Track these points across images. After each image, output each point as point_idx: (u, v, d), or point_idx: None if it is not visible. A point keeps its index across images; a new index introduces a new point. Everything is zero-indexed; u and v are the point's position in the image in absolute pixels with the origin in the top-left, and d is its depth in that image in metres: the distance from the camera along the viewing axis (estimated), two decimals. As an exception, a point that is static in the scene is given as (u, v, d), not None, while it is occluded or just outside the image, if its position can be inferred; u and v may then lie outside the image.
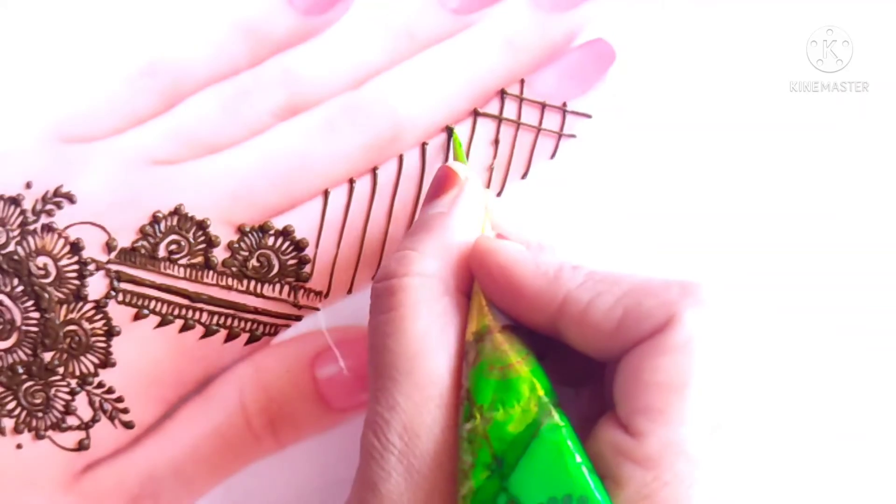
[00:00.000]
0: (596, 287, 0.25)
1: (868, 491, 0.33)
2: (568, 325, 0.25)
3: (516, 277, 0.26)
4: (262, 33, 0.34)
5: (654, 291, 0.25)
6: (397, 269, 0.27)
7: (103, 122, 0.34)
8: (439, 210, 0.29)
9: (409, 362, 0.26)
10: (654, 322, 0.24)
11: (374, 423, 0.26)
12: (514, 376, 0.25)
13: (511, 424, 0.25)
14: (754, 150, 0.34)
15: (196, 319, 0.33)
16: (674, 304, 0.24)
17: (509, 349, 0.26)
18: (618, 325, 0.25)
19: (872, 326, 0.34)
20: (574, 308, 0.25)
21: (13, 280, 0.33)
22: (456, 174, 0.30)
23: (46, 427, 0.33)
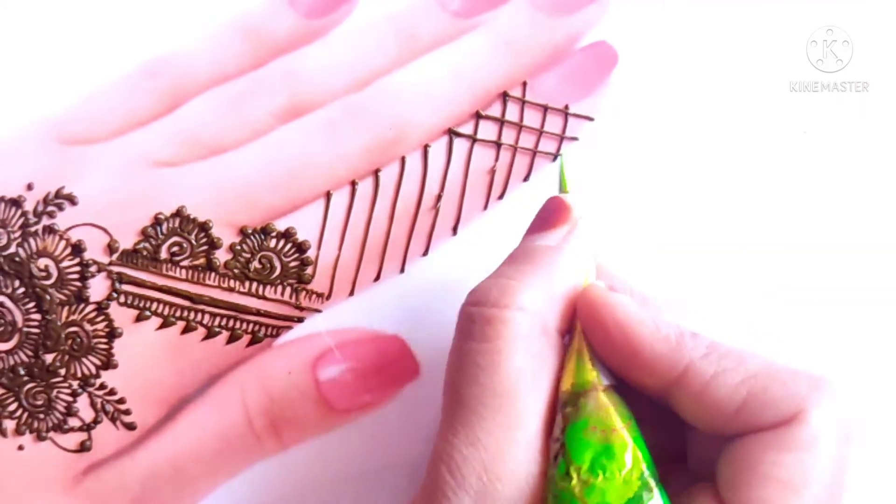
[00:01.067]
0: (720, 363, 0.24)
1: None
2: (684, 396, 0.25)
3: (635, 338, 0.25)
4: (264, 35, 0.34)
5: (782, 379, 0.24)
6: (499, 299, 0.26)
7: (105, 124, 0.34)
8: (548, 243, 0.27)
9: (499, 399, 0.25)
10: (780, 413, 0.23)
11: (448, 457, 0.24)
12: (618, 443, 0.24)
13: (611, 493, 0.24)
14: (754, 150, 0.34)
15: (198, 321, 0.33)
16: (803, 399, 0.23)
17: (614, 412, 0.25)
18: (740, 407, 0.24)
19: (870, 324, 0.34)
20: (696, 380, 0.24)
21: (14, 282, 0.33)
22: (570, 208, 0.28)
23: (48, 428, 0.33)
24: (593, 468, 0.24)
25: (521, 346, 0.25)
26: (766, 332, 0.34)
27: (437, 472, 0.25)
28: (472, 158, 0.34)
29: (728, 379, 0.24)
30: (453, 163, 0.34)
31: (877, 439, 0.34)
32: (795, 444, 0.23)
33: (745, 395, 0.24)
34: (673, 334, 0.25)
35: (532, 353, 0.25)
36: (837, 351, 0.34)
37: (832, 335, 0.34)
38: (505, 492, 0.24)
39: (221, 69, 0.34)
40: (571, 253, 0.27)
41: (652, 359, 0.25)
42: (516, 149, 0.34)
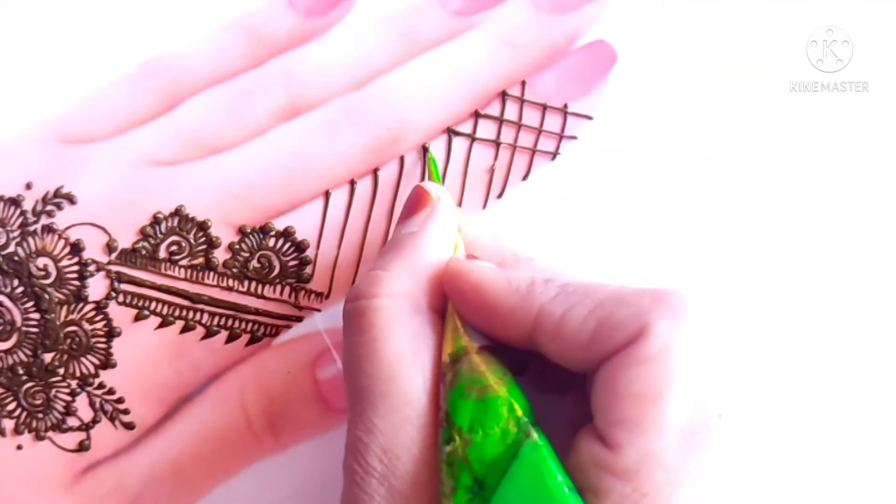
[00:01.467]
0: (568, 299, 0.25)
1: (848, 493, 0.33)
2: (543, 339, 0.26)
3: (489, 296, 0.26)
4: (263, 34, 0.34)
5: (627, 301, 0.24)
6: (367, 290, 0.27)
7: (104, 123, 0.34)
8: (410, 230, 0.29)
9: (384, 385, 0.26)
10: (626, 333, 0.24)
11: (353, 447, 0.26)
12: (493, 396, 0.25)
13: (491, 446, 0.24)
14: (754, 150, 0.34)
15: (197, 320, 0.33)
16: (646, 314, 0.24)
17: (486, 370, 0.26)
18: (591, 336, 0.24)
19: (870, 324, 0.34)
20: (548, 322, 0.25)
21: (13, 281, 0.33)
22: (428, 193, 0.30)
23: (47, 428, 0.33)
24: (473, 427, 0.25)
25: (396, 330, 0.26)
26: (766, 329, 0.34)
27: (347, 462, 0.26)
28: (471, 157, 0.34)
29: (576, 313, 0.25)
30: (452, 162, 0.34)
31: (854, 440, 0.34)
32: (644, 357, 0.23)
33: (594, 325, 0.24)
34: (524, 284, 0.26)
35: (409, 335, 0.26)
36: (837, 349, 0.34)
37: (832, 335, 0.34)
38: (404, 469, 0.25)
39: (220, 68, 0.34)
40: (433, 234, 0.28)
41: (508, 311, 0.26)
42: (515, 148, 0.34)
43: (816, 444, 0.34)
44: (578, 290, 0.25)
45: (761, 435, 0.33)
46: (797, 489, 0.33)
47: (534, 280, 0.26)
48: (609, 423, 0.24)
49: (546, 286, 0.26)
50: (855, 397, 0.34)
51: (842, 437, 0.34)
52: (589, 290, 0.25)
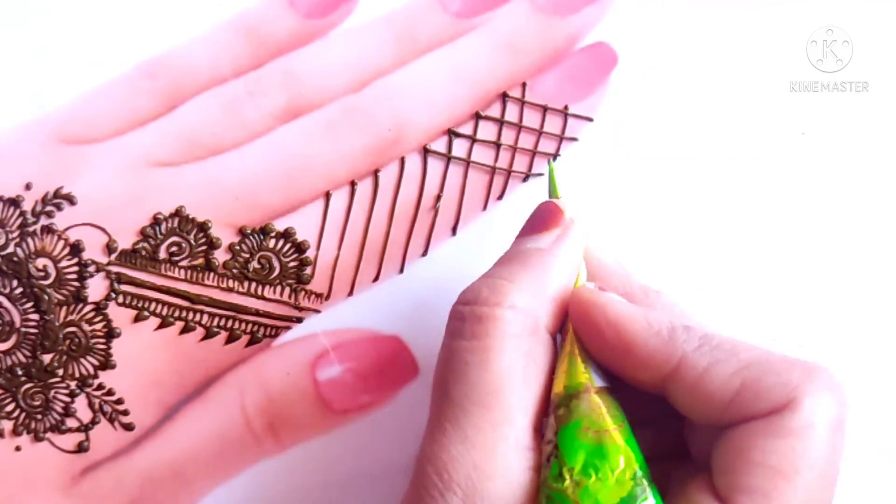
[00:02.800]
0: (713, 354, 0.25)
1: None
2: (679, 389, 0.25)
3: (628, 335, 0.25)
4: (264, 35, 0.34)
5: (776, 369, 0.24)
6: (489, 297, 0.26)
7: (104, 124, 0.34)
8: (539, 246, 0.28)
9: (489, 397, 0.24)
10: (772, 401, 0.23)
11: (435, 457, 0.24)
12: (611, 444, 0.24)
13: (603, 493, 0.23)
14: (754, 151, 0.34)
15: (196, 321, 0.33)
16: (795, 387, 0.23)
17: (606, 413, 0.25)
18: (734, 397, 0.24)
19: (871, 323, 0.34)
20: (689, 373, 0.24)
21: (12, 282, 0.33)
22: (562, 213, 0.28)
23: (45, 429, 0.33)
24: (586, 469, 0.24)
25: (512, 344, 0.25)
26: (768, 331, 0.34)
27: (424, 472, 0.24)
28: (471, 158, 0.34)
29: (721, 370, 0.24)
30: (452, 163, 0.34)
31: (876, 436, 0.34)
32: (787, 431, 0.23)
33: (738, 386, 0.24)
34: (665, 329, 0.25)
35: (522, 352, 0.25)
36: (837, 349, 0.34)
37: (834, 334, 0.34)
38: (495, 490, 0.24)
39: (221, 69, 0.34)
40: (563, 255, 0.27)
41: (646, 354, 0.25)
42: (516, 149, 0.34)
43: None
44: (723, 345, 0.25)
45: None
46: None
47: (675, 325, 0.25)
48: (735, 488, 0.23)
49: (688, 334, 0.25)
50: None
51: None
52: (735, 349, 0.25)
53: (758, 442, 0.23)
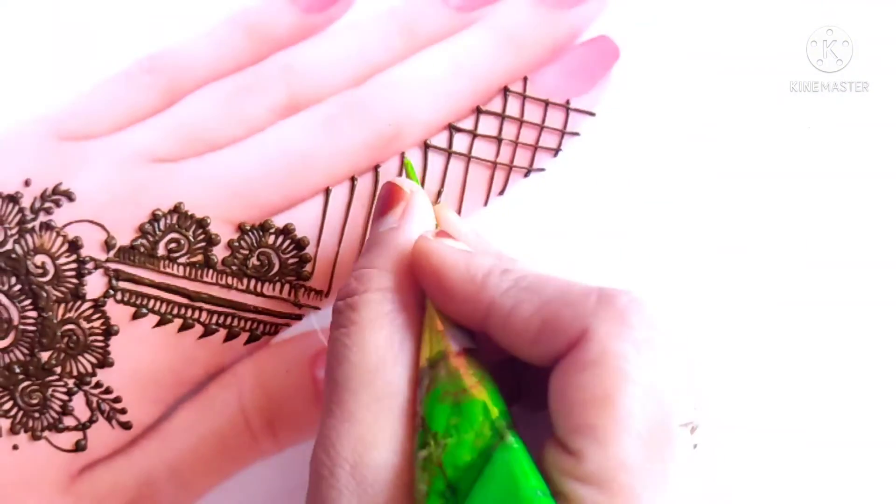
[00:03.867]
0: (519, 295, 0.25)
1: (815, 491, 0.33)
2: (494, 332, 0.25)
3: (446, 280, 0.26)
4: (263, 30, 0.34)
5: (572, 301, 0.24)
6: (357, 287, 0.27)
7: (103, 120, 0.33)
8: (389, 226, 0.28)
9: (369, 374, 0.25)
10: (569, 335, 0.23)
11: (325, 439, 0.25)
12: (468, 401, 0.24)
13: (464, 450, 0.24)
14: (754, 150, 0.34)
15: (195, 319, 0.33)
16: (588, 316, 0.23)
17: (464, 373, 0.25)
18: (537, 335, 0.24)
19: (870, 324, 0.34)
20: (497, 316, 0.25)
21: (11, 278, 0.33)
22: (401, 188, 0.29)
23: (43, 428, 0.33)
24: (448, 431, 0.24)
25: (385, 321, 0.26)
26: (770, 330, 0.34)
27: (316, 457, 0.25)
28: (472, 154, 0.34)
29: (524, 309, 0.24)
30: (453, 158, 0.34)
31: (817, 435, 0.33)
32: (587, 361, 0.23)
33: (539, 324, 0.24)
34: (480, 273, 0.26)
35: (396, 326, 0.26)
36: (840, 349, 0.34)
37: (836, 333, 0.34)
38: (381, 458, 0.24)
39: (220, 64, 0.34)
40: (412, 228, 0.28)
41: (461, 298, 0.26)
42: (517, 144, 0.34)
43: (795, 447, 0.33)
44: (531, 284, 0.25)
45: (741, 439, 0.33)
46: (777, 492, 0.33)
47: (491, 270, 0.26)
48: (567, 430, 0.23)
49: (501, 277, 0.25)
50: (835, 400, 0.34)
51: (821, 440, 0.33)
52: (540, 286, 0.25)
53: (568, 379, 0.23)
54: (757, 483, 0.33)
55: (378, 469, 0.24)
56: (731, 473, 0.33)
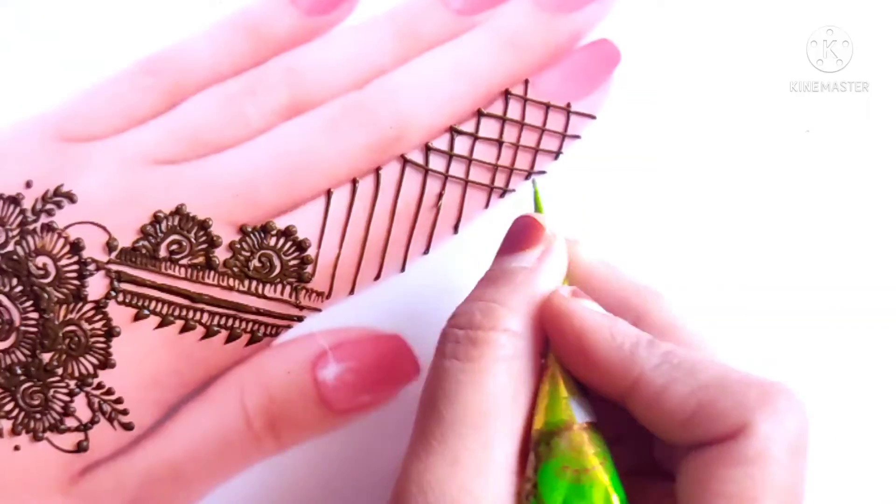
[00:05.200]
0: (672, 373, 0.24)
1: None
2: (638, 405, 0.24)
3: (589, 346, 0.25)
4: (265, 32, 0.34)
5: (732, 390, 0.23)
6: (483, 321, 0.25)
7: (104, 122, 0.33)
8: (523, 264, 0.27)
9: (481, 418, 0.24)
10: (727, 426, 0.23)
11: (419, 477, 0.24)
12: (589, 483, 0.24)
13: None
14: (754, 151, 0.34)
15: (197, 320, 0.33)
16: (750, 410, 0.23)
17: (587, 451, 0.24)
18: (690, 418, 0.23)
19: (865, 324, 0.34)
20: (647, 391, 0.24)
21: (12, 280, 0.33)
22: (542, 228, 0.28)
23: (44, 428, 0.33)
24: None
25: (504, 366, 0.25)
26: (771, 330, 0.34)
27: (407, 491, 0.24)
28: (473, 156, 0.34)
29: (678, 389, 0.24)
30: (454, 161, 0.34)
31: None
32: (742, 458, 0.22)
33: (694, 407, 0.23)
34: (627, 343, 0.25)
35: (513, 375, 0.25)
36: (841, 350, 0.34)
37: (837, 333, 0.34)
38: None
39: (222, 66, 0.34)
40: (548, 273, 0.27)
41: (605, 367, 0.25)
42: (518, 147, 0.34)
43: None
44: (683, 363, 0.24)
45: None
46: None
47: (639, 340, 0.25)
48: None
49: (650, 350, 0.25)
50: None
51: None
52: (694, 367, 0.24)
53: (715, 470, 0.22)
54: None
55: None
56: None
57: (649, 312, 0.27)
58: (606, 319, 0.26)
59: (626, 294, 0.28)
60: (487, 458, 0.24)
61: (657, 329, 0.27)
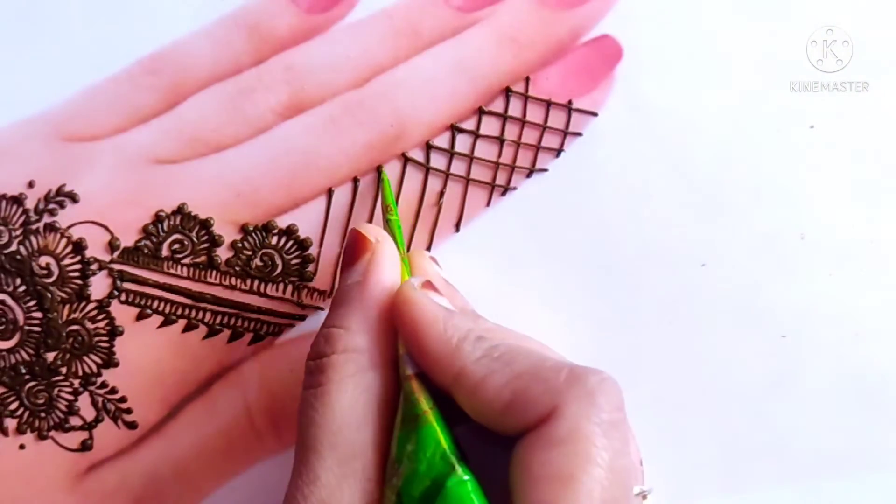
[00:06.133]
0: (490, 365, 0.25)
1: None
2: (460, 397, 0.25)
3: (423, 337, 0.26)
4: (265, 31, 0.33)
5: (543, 377, 0.24)
6: (325, 348, 0.27)
7: (106, 121, 0.33)
8: (355, 279, 0.28)
9: (333, 436, 0.25)
10: (538, 411, 0.24)
11: (290, 499, 0.25)
12: (423, 426, 0.25)
13: (418, 479, 0.24)
14: (755, 150, 0.34)
15: (199, 319, 0.33)
16: (559, 394, 0.24)
17: (420, 398, 0.25)
18: (506, 407, 0.24)
19: (873, 324, 0.34)
20: (467, 383, 0.25)
21: (16, 280, 0.33)
22: (366, 238, 0.29)
23: (49, 427, 0.33)
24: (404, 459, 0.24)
25: (350, 382, 0.26)
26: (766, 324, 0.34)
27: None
28: (474, 155, 0.33)
29: (495, 380, 0.24)
30: (455, 159, 0.33)
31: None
32: (556, 438, 0.23)
33: (510, 396, 0.24)
34: (456, 337, 0.26)
35: (361, 388, 0.26)
36: (845, 351, 0.34)
37: (838, 334, 0.34)
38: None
39: (223, 65, 0.33)
40: (376, 280, 0.28)
41: (434, 358, 0.26)
42: (519, 144, 0.34)
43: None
44: (503, 356, 0.25)
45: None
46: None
47: (468, 335, 0.26)
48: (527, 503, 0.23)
49: (476, 345, 0.26)
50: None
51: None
52: (512, 359, 0.25)
53: (533, 454, 0.23)
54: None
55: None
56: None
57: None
58: (443, 312, 0.27)
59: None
60: (345, 472, 0.25)
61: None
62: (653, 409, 0.33)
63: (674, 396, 0.34)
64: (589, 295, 0.33)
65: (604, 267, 0.33)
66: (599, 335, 0.33)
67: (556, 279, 0.33)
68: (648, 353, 0.33)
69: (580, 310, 0.33)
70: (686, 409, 0.34)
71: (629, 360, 0.33)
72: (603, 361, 0.32)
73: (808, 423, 0.34)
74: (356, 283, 0.28)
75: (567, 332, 0.33)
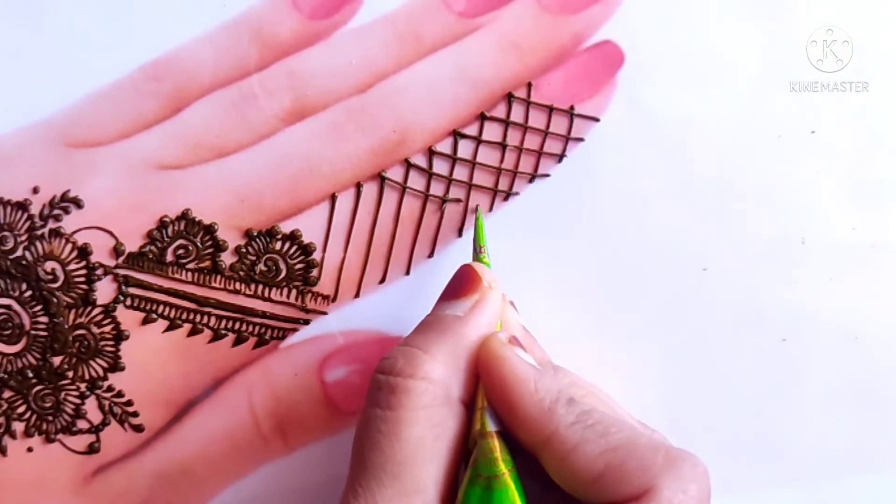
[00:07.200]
0: (584, 433, 0.25)
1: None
2: (550, 461, 0.25)
3: (513, 395, 0.26)
4: (268, 37, 0.33)
5: (640, 454, 0.24)
6: (404, 368, 0.26)
7: (110, 127, 0.33)
8: (455, 313, 0.27)
9: (399, 467, 0.25)
10: (632, 488, 0.23)
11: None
12: (499, 489, 0.24)
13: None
14: (755, 150, 0.34)
15: (204, 323, 0.33)
16: (655, 475, 0.23)
17: (500, 457, 0.25)
18: (597, 478, 0.24)
19: (877, 325, 0.34)
20: (559, 448, 0.25)
21: (21, 285, 0.32)
22: (479, 279, 0.28)
23: (56, 431, 0.33)
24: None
25: (423, 415, 0.25)
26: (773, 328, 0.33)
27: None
28: (476, 159, 0.33)
29: (589, 450, 0.24)
30: (458, 164, 0.33)
31: None
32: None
33: (602, 468, 0.24)
34: (548, 399, 0.25)
35: (433, 423, 0.26)
36: (851, 352, 0.34)
37: (843, 335, 0.34)
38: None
39: (226, 71, 0.33)
40: (478, 324, 0.27)
41: (524, 419, 0.25)
42: (521, 150, 0.33)
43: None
44: (597, 424, 0.25)
45: None
46: None
47: (559, 397, 0.26)
48: None
49: (568, 409, 0.25)
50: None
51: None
52: (606, 430, 0.25)
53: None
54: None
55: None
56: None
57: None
58: (533, 371, 0.26)
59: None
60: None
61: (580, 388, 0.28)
62: (654, 411, 0.33)
63: (675, 398, 0.33)
64: (591, 299, 0.33)
65: (605, 271, 0.33)
66: (601, 339, 0.33)
67: (559, 284, 0.33)
68: (650, 357, 0.33)
69: (581, 314, 0.33)
70: (687, 411, 0.34)
71: (631, 363, 0.33)
72: (605, 364, 0.33)
73: (808, 425, 0.34)
74: (456, 317, 0.27)
75: (568, 335, 0.33)
